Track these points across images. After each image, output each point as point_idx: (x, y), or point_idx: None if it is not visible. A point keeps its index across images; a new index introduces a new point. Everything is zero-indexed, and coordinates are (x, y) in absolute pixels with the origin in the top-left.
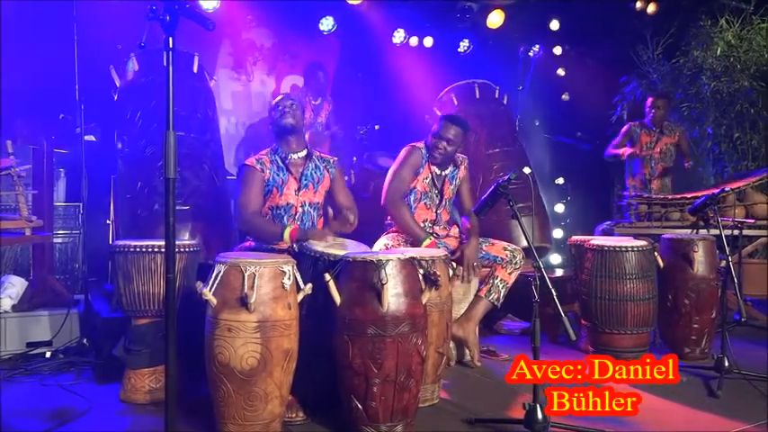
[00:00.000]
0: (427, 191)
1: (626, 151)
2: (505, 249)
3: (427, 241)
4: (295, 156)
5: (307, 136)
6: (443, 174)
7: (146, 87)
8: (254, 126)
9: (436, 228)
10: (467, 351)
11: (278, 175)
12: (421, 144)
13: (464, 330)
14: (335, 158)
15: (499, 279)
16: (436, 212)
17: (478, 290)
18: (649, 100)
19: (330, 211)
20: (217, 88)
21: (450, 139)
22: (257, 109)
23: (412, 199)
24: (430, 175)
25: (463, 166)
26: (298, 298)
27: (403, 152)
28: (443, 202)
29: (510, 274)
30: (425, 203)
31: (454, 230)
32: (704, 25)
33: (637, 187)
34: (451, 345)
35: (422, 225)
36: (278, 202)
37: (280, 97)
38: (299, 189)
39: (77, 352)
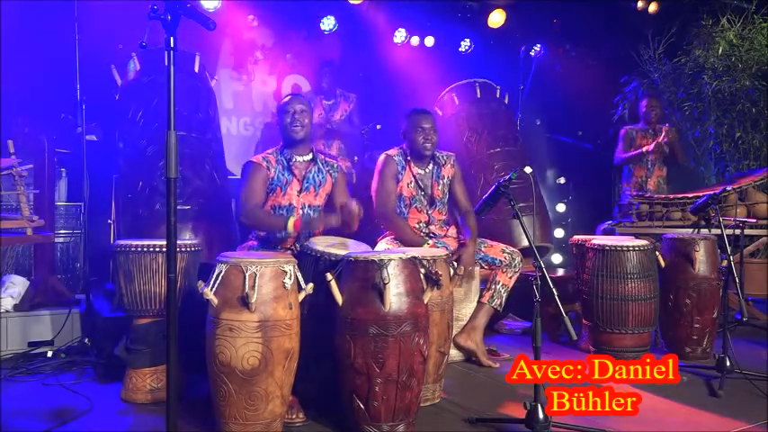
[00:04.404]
0: (414, 194)
1: (649, 147)
2: (504, 252)
3: (426, 245)
4: (300, 158)
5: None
6: (425, 172)
7: (147, 87)
8: (269, 126)
9: (432, 227)
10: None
11: (282, 175)
12: (393, 151)
13: (472, 341)
14: (340, 164)
15: (501, 284)
16: (428, 214)
17: (480, 296)
18: (645, 101)
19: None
20: (218, 88)
21: (431, 126)
22: (259, 109)
23: (402, 205)
24: (413, 179)
25: (449, 165)
26: (299, 298)
27: (378, 165)
28: (435, 204)
29: (510, 278)
30: (416, 207)
31: (452, 230)
32: (706, 24)
33: (634, 189)
34: (454, 352)
35: (416, 227)
36: (280, 201)
37: (288, 98)
38: (301, 190)
39: (79, 351)
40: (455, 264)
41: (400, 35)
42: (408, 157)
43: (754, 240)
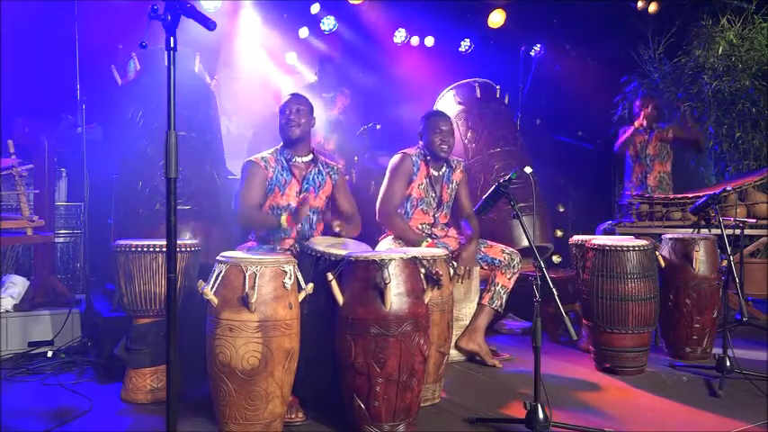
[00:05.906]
0: (423, 196)
1: (641, 122)
2: (503, 252)
3: (425, 243)
4: (300, 159)
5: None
6: (439, 174)
7: (147, 87)
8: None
9: (434, 229)
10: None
11: (281, 175)
12: (411, 150)
13: (474, 343)
14: (340, 166)
15: (500, 286)
16: (434, 216)
17: (480, 297)
18: (637, 102)
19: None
20: (218, 88)
21: (449, 128)
22: (258, 109)
23: (408, 206)
24: (425, 180)
25: (459, 170)
26: (299, 298)
27: (394, 161)
28: (442, 206)
29: (510, 279)
30: (422, 209)
31: (452, 231)
32: (706, 24)
33: (635, 187)
34: (454, 352)
35: (419, 228)
36: (279, 201)
37: (287, 98)
38: (300, 191)
39: (79, 351)
40: (455, 263)
41: (400, 35)
42: (427, 158)
43: (754, 240)
